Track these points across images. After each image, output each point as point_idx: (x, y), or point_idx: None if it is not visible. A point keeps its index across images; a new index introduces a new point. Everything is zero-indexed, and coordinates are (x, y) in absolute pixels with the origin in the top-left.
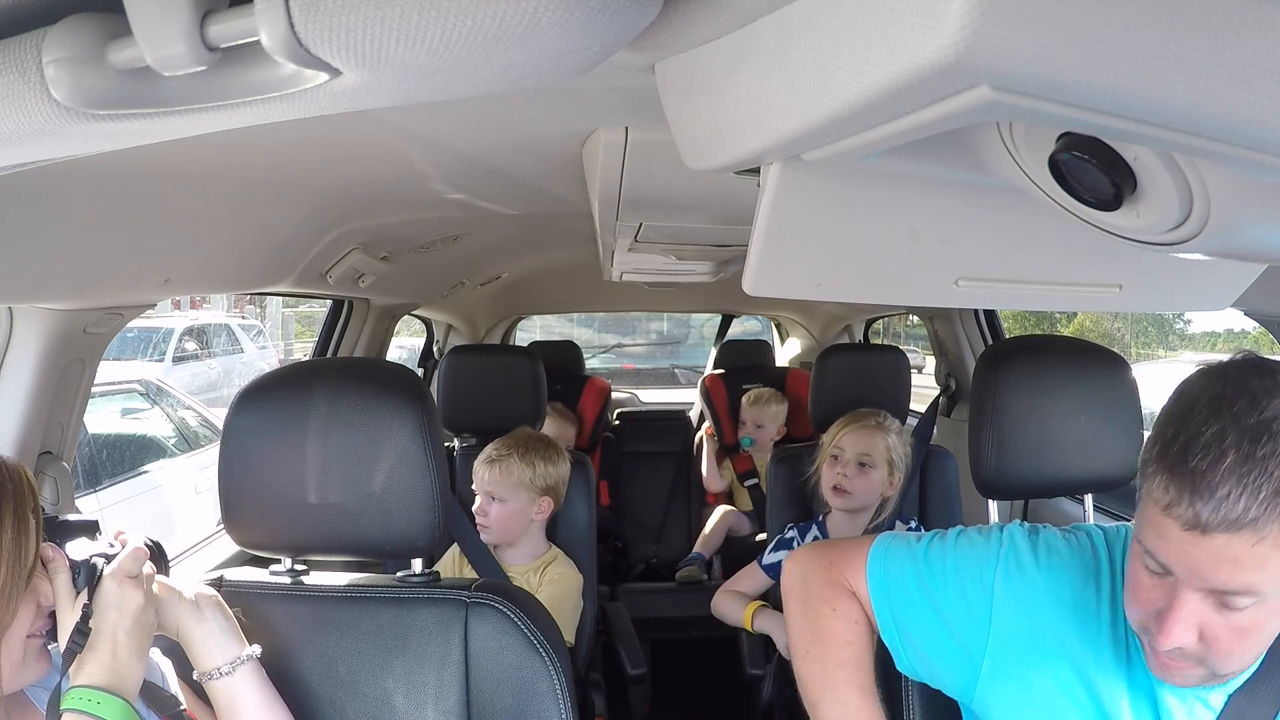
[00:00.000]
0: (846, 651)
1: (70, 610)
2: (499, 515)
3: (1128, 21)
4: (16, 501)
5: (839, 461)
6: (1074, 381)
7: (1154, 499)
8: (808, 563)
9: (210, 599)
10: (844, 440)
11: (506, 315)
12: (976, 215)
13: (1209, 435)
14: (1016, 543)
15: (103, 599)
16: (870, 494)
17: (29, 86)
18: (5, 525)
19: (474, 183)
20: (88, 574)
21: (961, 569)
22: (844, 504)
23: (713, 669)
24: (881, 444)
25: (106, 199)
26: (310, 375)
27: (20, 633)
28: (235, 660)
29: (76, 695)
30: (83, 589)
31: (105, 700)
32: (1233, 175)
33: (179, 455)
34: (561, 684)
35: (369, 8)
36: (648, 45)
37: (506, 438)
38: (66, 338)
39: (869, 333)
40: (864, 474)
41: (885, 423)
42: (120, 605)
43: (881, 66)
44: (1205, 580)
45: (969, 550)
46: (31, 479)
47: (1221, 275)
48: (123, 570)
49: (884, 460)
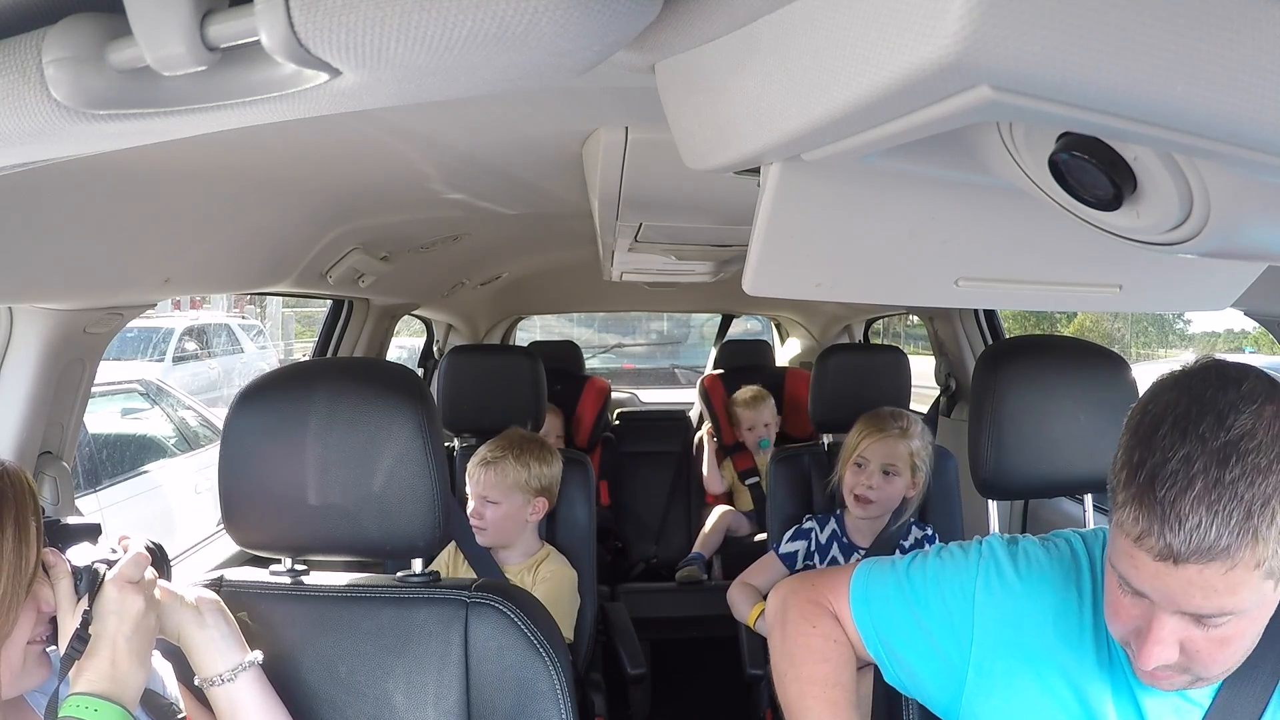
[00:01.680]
0: (823, 669)
1: (71, 616)
2: (495, 518)
3: (1127, 21)
4: (18, 508)
5: (863, 470)
6: (1074, 381)
7: (1124, 529)
8: (789, 589)
9: (212, 604)
10: (869, 450)
11: (506, 315)
12: (976, 215)
13: (1175, 461)
14: (996, 554)
15: (103, 605)
16: (893, 500)
17: (29, 86)
18: (6, 533)
19: (474, 183)
20: (89, 580)
21: (943, 582)
22: (866, 513)
23: (713, 669)
24: (905, 451)
25: (106, 199)
26: (310, 375)
27: (21, 639)
28: (237, 667)
29: (74, 702)
30: (84, 595)
31: (103, 707)
32: (1233, 175)
33: (179, 455)
34: (561, 684)
35: (369, 8)
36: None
37: (499, 439)
38: (66, 338)
39: (869, 333)
40: (889, 482)
41: (909, 428)
42: (121, 611)
43: (881, 66)
44: (1180, 605)
45: (950, 564)
46: (32, 483)
47: (1221, 275)
48: (124, 576)
49: (908, 466)
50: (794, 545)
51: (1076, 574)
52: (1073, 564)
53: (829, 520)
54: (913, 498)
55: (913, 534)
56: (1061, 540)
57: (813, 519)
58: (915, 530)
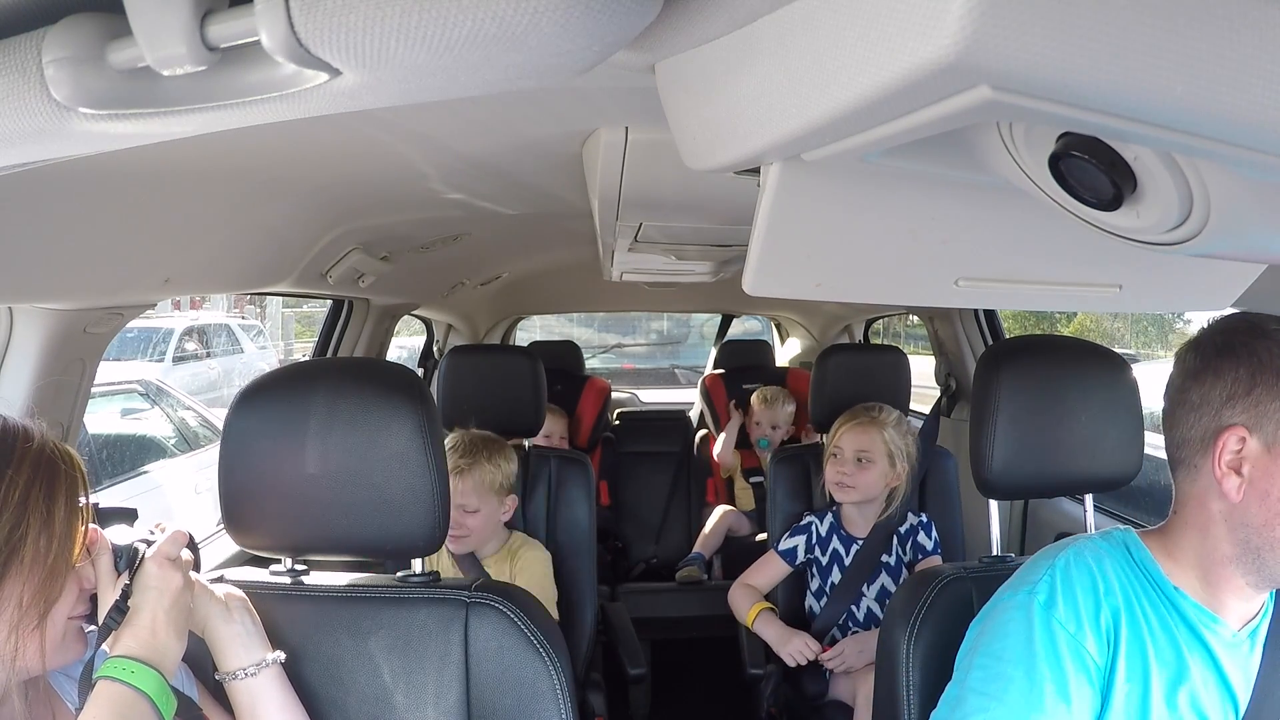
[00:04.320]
0: None
1: (111, 591)
2: (477, 525)
3: (1127, 22)
4: (69, 484)
5: (839, 460)
6: (1074, 381)
7: None
8: None
9: (239, 601)
10: (842, 439)
11: (506, 315)
12: (976, 215)
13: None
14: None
15: (144, 579)
16: (872, 487)
17: (29, 86)
18: (59, 504)
19: (474, 183)
20: (129, 557)
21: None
22: (846, 497)
23: (713, 669)
24: (878, 438)
25: (106, 199)
26: (310, 375)
27: (63, 613)
28: (261, 662)
29: (113, 664)
30: (123, 571)
31: (140, 670)
32: (1233, 175)
33: (179, 455)
34: (562, 684)
35: (369, 8)
36: (648, 45)
37: (460, 444)
38: (66, 338)
39: (869, 333)
40: (863, 470)
41: (881, 416)
42: (161, 586)
43: (881, 66)
44: None
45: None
46: (83, 466)
47: (1221, 275)
48: (164, 553)
49: (883, 454)
50: (793, 541)
51: (1094, 585)
52: (1092, 580)
53: (827, 514)
54: (899, 487)
55: (908, 520)
56: (1053, 564)
57: (811, 514)
58: (910, 517)
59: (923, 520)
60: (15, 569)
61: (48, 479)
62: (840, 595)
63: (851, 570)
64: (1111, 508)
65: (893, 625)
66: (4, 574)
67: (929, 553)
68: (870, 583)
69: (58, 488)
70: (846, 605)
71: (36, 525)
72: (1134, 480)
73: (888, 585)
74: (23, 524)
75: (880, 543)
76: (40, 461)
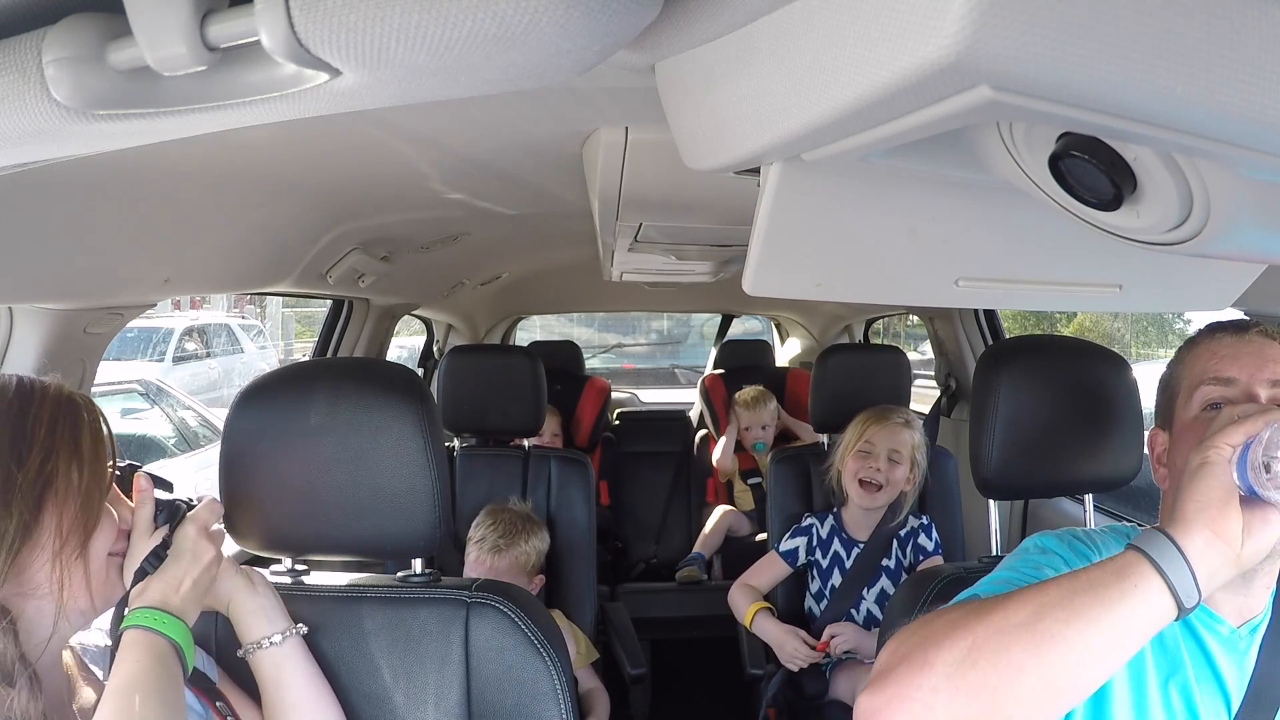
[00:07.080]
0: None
1: (146, 538)
2: None
3: (1127, 22)
4: (91, 418)
5: (870, 456)
6: (1074, 381)
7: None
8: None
9: (262, 577)
10: (875, 436)
11: (506, 315)
12: (976, 215)
13: None
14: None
15: (181, 541)
16: (897, 487)
17: (29, 86)
18: (84, 436)
19: (474, 183)
20: (170, 512)
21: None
22: (873, 501)
23: (713, 669)
24: (909, 440)
25: (106, 199)
26: (310, 375)
27: (102, 545)
28: (285, 631)
29: (143, 614)
30: (163, 524)
31: (170, 621)
32: (1233, 175)
33: (179, 455)
34: (562, 684)
35: (369, 8)
36: (648, 45)
37: (496, 523)
38: (66, 338)
39: (869, 333)
40: (893, 469)
41: (911, 421)
42: (195, 553)
43: (881, 66)
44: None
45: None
46: (99, 409)
47: (1221, 275)
48: (202, 520)
49: (909, 457)
50: (795, 542)
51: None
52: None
53: (828, 516)
54: (909, 492)
55: (909, 523)
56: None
57: (812, 516)
58: (912, 519)
59: (924, 522)
60: (51, 499)
61: (69, 415)
62: (840, 598)
63: (852, 573)
64: (1111, 508)
65: (893, 624)
66: (42, 504)
67: (930, 554)
68: (870, 586)
69: (80, 422)
70: (846, 608)
71: (66, 456)
72: (1134, 480)
73: (887, 588)
74: (54, 456)
75: (881, 547)
76: (60, 400)
